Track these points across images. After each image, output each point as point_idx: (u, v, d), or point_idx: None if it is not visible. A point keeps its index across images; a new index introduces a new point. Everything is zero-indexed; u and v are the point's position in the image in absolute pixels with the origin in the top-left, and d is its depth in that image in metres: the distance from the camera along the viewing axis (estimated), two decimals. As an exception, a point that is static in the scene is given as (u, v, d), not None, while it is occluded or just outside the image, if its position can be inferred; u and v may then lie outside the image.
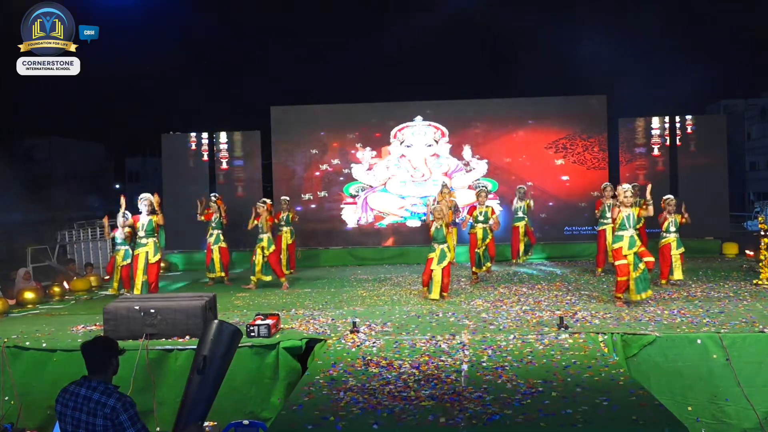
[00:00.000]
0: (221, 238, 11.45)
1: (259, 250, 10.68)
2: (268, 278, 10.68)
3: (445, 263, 9.00)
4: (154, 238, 9.41)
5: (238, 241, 13.57)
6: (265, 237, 10.65)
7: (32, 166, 35.28)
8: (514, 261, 12.58)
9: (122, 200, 9.90)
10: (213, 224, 11.51)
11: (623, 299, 8.18)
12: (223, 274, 11.45)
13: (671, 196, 9.79)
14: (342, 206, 14.99)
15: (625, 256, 8.06)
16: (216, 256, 11.38)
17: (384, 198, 14.94)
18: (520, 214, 12.44)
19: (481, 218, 10.78)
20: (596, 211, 11.38)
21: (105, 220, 10.99)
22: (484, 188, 11.36)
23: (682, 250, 9.64)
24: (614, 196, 11.32)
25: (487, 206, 10.91)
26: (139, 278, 9.28)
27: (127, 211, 9.88)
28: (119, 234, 9.98)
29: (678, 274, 9.56)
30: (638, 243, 8.15)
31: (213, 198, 11.99)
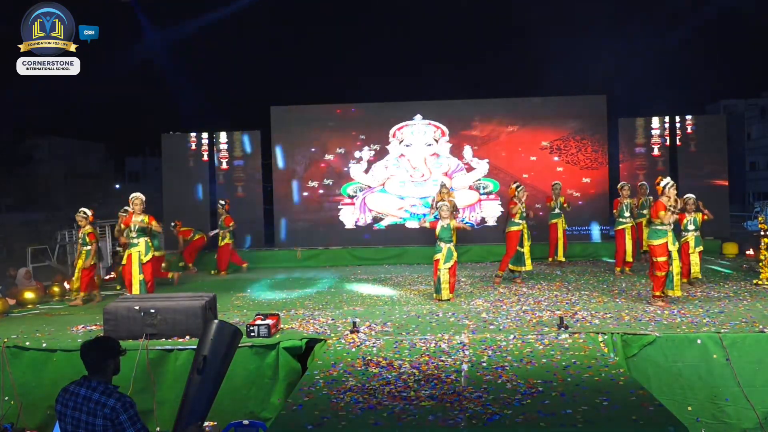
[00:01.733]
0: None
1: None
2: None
3: (451, 263, 8.95)
4: (146, 238, 9.37)
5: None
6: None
7: (32, 166, 35.23)
8: (551, 260, 12.25)
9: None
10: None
11: (663, 298, 8.14)
12: None
13: (692, 195, 9.71)
14: (340, 207, 14.99)
15: (669, 251, 8.06)
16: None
17: (383, 198, 14.92)
18: (557, 210, 12.08)
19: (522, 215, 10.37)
20: (614, 211, 11.24)
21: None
22: (521, 185, 10.69)
23: (700, 248, 9.60)
24: (632, 196, 11.34)
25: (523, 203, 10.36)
26: (135, 278, 9.23)
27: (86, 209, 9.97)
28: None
29: (695, 272, 9.58)
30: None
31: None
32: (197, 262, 13.23)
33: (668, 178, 8.42)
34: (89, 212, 9.93)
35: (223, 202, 12.80)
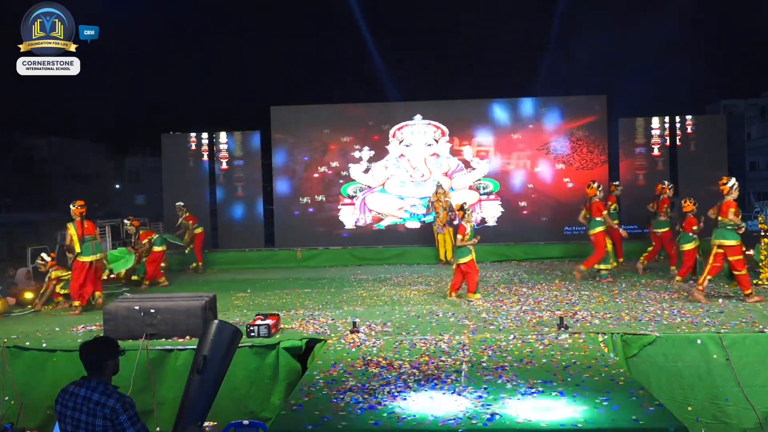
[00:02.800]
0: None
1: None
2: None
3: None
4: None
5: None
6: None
7: (32, 166, 35.25)
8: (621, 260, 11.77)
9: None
10: None
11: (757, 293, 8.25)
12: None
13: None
14: (339, 207, 14.98)
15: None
16: None
17: (382, 199, 14.90)
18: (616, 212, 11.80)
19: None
20: (660, 211, 10.86)
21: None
22: (599, 183, 10.56)
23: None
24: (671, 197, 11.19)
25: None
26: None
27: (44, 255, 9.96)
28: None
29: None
30: None
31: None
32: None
33: (734, 179, 8.38)
34: (48, 258, 9.75)
35: (128, 222, 11.86)
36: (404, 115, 15.07)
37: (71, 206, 9.30)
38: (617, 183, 12.20)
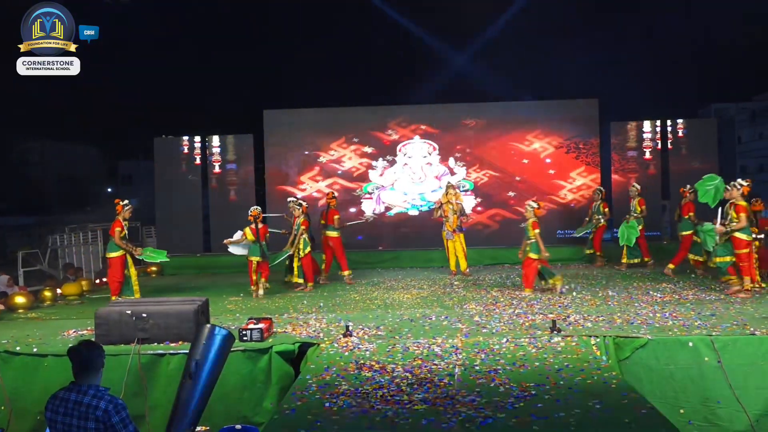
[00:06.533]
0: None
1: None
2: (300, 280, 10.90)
3: None
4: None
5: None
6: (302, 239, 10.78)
7: (25, 170, 35.05)
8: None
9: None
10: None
11: None
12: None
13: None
14: (362, 200, 15.34)
15: None
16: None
17: (392, 194, 15.46)
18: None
19: None
20: (690, 216, 11.07)
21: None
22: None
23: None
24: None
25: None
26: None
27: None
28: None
29: None
30: None
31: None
32: None
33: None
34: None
35: (293, 200, 11.46)
36: (397, 116, 15.19)
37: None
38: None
